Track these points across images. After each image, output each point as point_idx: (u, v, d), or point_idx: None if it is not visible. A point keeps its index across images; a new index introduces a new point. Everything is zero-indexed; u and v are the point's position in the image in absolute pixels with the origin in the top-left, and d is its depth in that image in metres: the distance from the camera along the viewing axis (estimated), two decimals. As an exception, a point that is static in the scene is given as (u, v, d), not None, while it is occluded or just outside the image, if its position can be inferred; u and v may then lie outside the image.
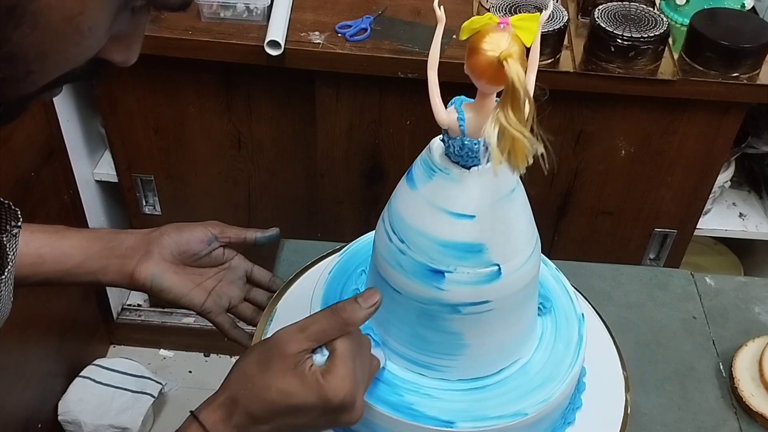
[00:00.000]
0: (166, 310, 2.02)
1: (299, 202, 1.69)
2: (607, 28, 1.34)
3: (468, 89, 0.61)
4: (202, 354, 2.06)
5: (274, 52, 1.34)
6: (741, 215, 1.78)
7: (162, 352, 2.06)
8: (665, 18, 1.39)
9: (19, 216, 0.61)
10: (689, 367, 0.99)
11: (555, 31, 1.34)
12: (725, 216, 1.77)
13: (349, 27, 1.41)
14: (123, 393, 1.79)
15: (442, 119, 0.62)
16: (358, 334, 0.69)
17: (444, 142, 0.65)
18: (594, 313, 0.93)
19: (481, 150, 0.61)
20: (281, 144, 1.59)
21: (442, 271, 0.66)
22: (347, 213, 1.67)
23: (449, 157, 0.65)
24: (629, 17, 1.38)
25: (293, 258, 1.06)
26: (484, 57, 0.56)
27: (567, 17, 1.37)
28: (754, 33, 1.38)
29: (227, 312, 0.89)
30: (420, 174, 0.66)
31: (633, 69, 1.36)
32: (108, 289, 1.92)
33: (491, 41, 0.55)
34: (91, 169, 1.77)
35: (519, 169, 0.57)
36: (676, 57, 1.40)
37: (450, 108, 0.63)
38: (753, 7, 1.51)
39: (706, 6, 1.46)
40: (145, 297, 2.04)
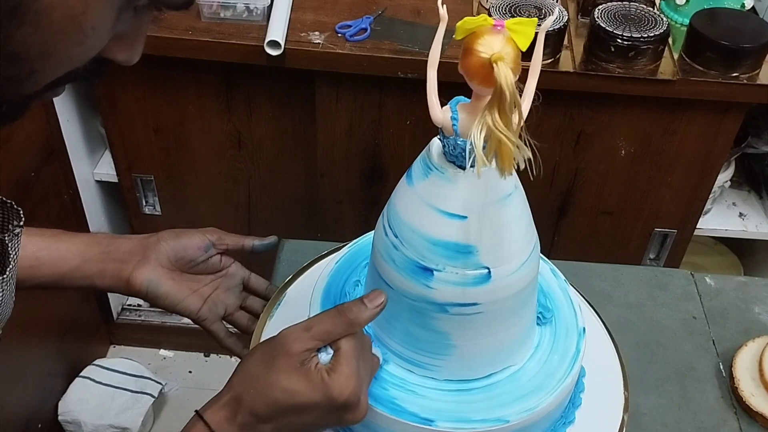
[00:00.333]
0: (166, 310, 2.02)
1: (299, 202, 1.69)
2: (607, 28, 1.34)
3: (467, 90, 0.61)
4: (202, 354, 2.06)
5: (274, 52, 1.34)
6: (741, 215, 1.78)
7: (162, 352, 2.06)
8: (665, 18, 1.39)
9: (22, 215, 0.61)
10: (689, 367, 0.99)
11: (555, 31, 1.34)
12: (725, 216, 1.77)
13: (349, 27, 1.41)
14: (123, 393, 1.79)
15: (436, 118, 0.63)
16: (361, 333, 0.69)
17: (441, 141, 0.65)
18: (593, 313, 0.93)
19: (467, 151, 0.61)
20: (281, 144, 1.59)
21: (431, 269, 0.66)
22: (347, 213, 1.67)
23: (446, 157, 0.65)
24: (629, 17, 1.38)
25: (293, 258, 1.06)
26: (476, 58, 0.56)
27: (567, 17, 1.37)
28: (754, 33, 1.38)
29: (222, 320, 0.89)
30: (418, 171, 0.66)
31: (633, 69, 1.36)
32: (108, 290, 1.92)
33: (485, 43, 0.55)
34: (91, 169, 1.77)
35: (506, 173, 0.58)
36: (676, 57, 1.40)
37: (445, 107, 0.63)
38: (753, 7, 1.51)
39: (706, 6, 1.46)
40: (145, 297, 2.04)
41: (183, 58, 1.40)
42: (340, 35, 1.40)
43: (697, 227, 1.65)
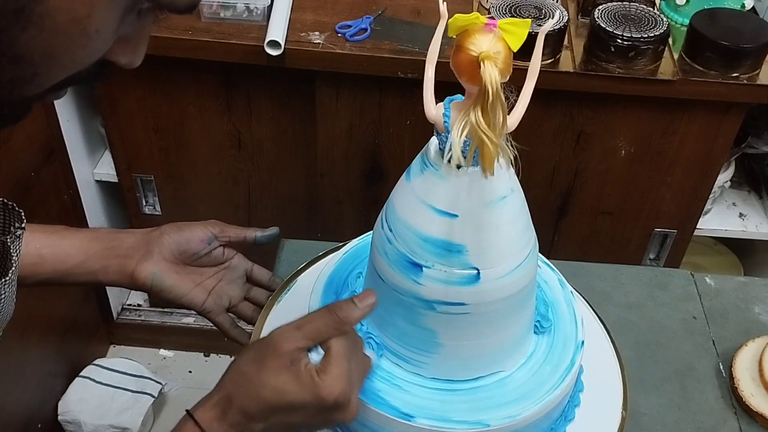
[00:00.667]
0: (166, 310, 2.02)
1: (299, 202, 1.69)
2: (607, 28, 1.34)
3: (465, 90, 0.61)
4: (202, 354, 2.06)
5: (274, 52, 1.34)
6: (741, 215, 1.78)
7: (162, 352, 2.06)
8: (665, 18, 1.39)
9: (23, 217, 0.61)
10: (689, 367, 0.99)
11: (555, 31, 1.34)
12: (725, 216, 1.77)
13: (349, 27, 1.41)
14: (123, 393, 1.79)
15: (430, 114, 0.63)
16: (353, 333, 0.69)
17: (436, 138, 0.65)
18: (591, 312, 0.93)
19: (446, 147, 0.60)
20: (281, 144, 1.59)
21: (420, 265, 0.67)
22: (347, 213, 1.67)
23: (441, 154, 0.65)
24: (629, 17, 1.38)
25: (293, 258, 1.06)
26: (465, 55, 0.56)
27: (567, 17, 1.37)
28: (754, 33, 1.38)
29: (227, 311, 0.90)
30: (415, 167, 0.67)
31: (633, 69, 1.36)
32: (108, 289, 1.92)
33: (475, 41, 0.56)
34: (91, 169, 1.77)
35: (487, 172, 0.58)
36: (676, 57, 1.40)
37: (439, 104, 0.63)
38: (753, 7, 1.51)
39: (706, 6, 1.46)
40: (145, 297, 2.04)
41: (183, 58, 1.40)
42: (340, 35, 1.40)
43: (697, 227, 1.65)
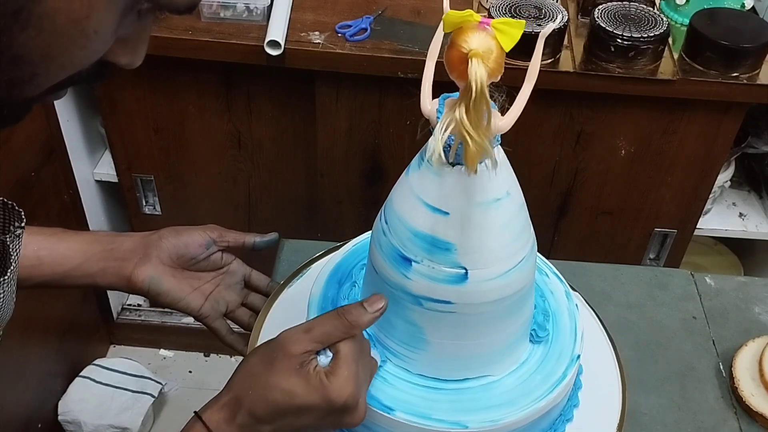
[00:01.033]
0: (166, 310, 2.02)
1: (299, 202, 1.69)
2: (607, 28, 1.34)
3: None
4: (202, 354, 2.06)
5: (274, 52, 1.34)
6: (741, 215, 1.78)
7: (162, 352, 2.06)
8: (665, 18, 1.39)
9: (23, 217, 0.61)
10: (689, 367, 0.99)
11: (555, 31, 1.34)
12: (725, 216, 1.77)
13: (349, 27, 1.41)
14: (123, 393, 1.79)
15: (425, 108, 0.63)
16: (360, 336, 0.69)
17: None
18: (591, 312, 0.93)
19: (429, 142, 0.60)
20: (281, 144, 1.59)
21: (410, 260, 0.67)
22: (347, 213, 1.67)
23: None
24: (629, 17, 1.38)
25: (293, 258, 1.06)
26: (456, 52, 0.56)
27: (567, 17, 1.37)
28: (754, 33, 1.38)
29: (224, 317, 0.89)
30: (414, 163, 0.67)
31: (633, 69, 1.36)
32: (108, 289, 1.93)
33: (467, 38, 0.56)
34: (91, 169, 1.77)
35: (471, 170, 0.58)
36: (676, 57, 1.40)
37: (435, 100, 0.63)
38: (753, 7, 1.51)
39: (706, 6, 1.46)
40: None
41: (183, 58, 1.40)
42: (340, 35, 1.40)
43: (697, 227, 1.65)
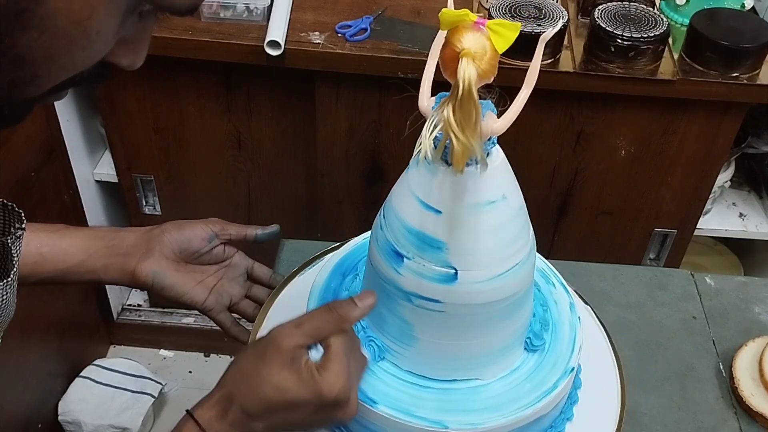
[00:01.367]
0: (166, 310, 2.02)
1: (299, 202, 1.69)
2: (607, 28, 1.34)
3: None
4: (202, 354, 2.06)
5: (274, 52, 1.34)
6: (741, 215, 1.78)
7: (162, 352, 2.06)
8: (665, 18, 1.39)
9: (23, 218, 0.61)
10: (689, 367, 0.99)
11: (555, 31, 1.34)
12: (725, 216, 1.77)
13: (349, 27, 1.41)
14: (123, 393, 1.79)
15: (422, 105, 0.64)
16: (351, 332, 0.70)
17: None
18: (590, 312, 0.93)
19: (418, 139, 0.60)
20: (281, 144, 1.59)
21: (402, 256, 0.67)
22: (347, 213, 1.67)
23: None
24: (629, 17, 1.38)
25: (293, 258, 1.06)
26: (449, 50, 0.56)
27: (567, 17, 1.37)
28: (754, 33, 1.38)
29: (228, 309, 0.90)
30: (414, 159, 0.67)
31: (633, 69, 1.36)
32: (108, 289, 1.92)
33: (461, 37, 0.56)
34: (91, 169, 1.77)
35: (457, 170, 0.59)
36: (676, 57, 1.40)
37: (432, 98, 0.64)
38: (753, 7, 1.51)
39: (706, 6, 1.46)
40: (145, 297, 2.04)
41: (183, 58, 1.40)
42: (340, 35, 1.40)
43: (697, 227, 1.65)
